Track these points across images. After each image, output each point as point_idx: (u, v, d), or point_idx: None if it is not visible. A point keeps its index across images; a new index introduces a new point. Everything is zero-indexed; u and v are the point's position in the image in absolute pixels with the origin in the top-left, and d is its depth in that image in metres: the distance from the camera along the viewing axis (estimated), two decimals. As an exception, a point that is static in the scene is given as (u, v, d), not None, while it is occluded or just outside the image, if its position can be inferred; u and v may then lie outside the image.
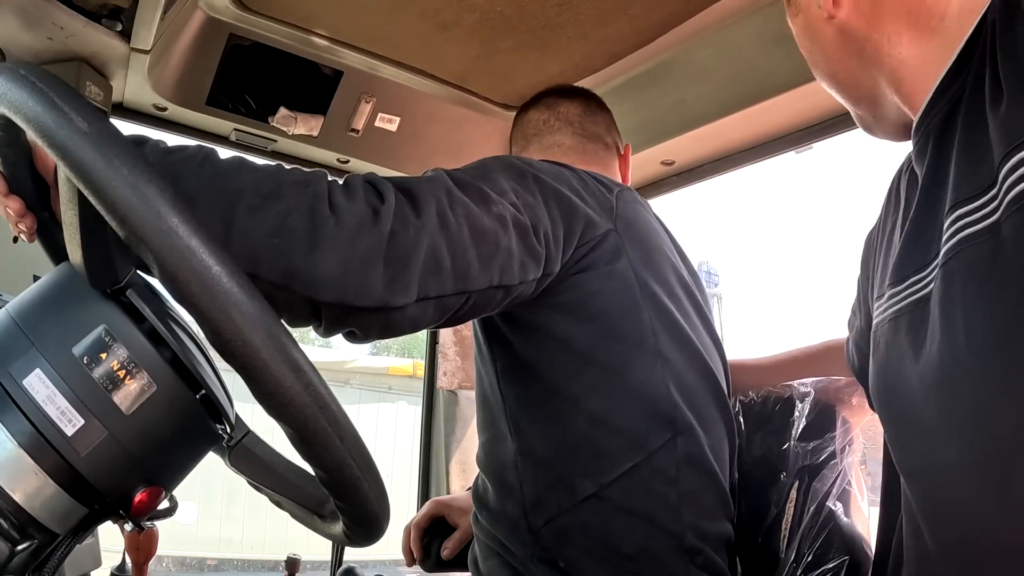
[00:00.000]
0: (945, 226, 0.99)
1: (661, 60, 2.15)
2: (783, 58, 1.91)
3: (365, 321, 1.07)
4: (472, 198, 1.18)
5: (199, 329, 0.75)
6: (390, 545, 1.60)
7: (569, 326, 1.37)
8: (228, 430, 1.05)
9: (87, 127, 0.70)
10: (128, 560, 1.70)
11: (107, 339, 0.84)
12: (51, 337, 0.84)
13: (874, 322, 1.23)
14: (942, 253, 0.99)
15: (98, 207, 0.70)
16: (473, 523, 1.59)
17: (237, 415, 1.10)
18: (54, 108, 0.70)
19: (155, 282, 0.91)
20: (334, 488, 0.85)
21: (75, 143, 0.69)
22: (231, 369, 0.75)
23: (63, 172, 0.73)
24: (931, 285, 1.02)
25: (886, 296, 1.17)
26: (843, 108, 1.96)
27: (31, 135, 0.72)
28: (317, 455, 0.80)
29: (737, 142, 2.25)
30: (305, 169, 1.07)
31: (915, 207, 1.11)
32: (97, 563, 1.93)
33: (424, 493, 2.97)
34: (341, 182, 1.08)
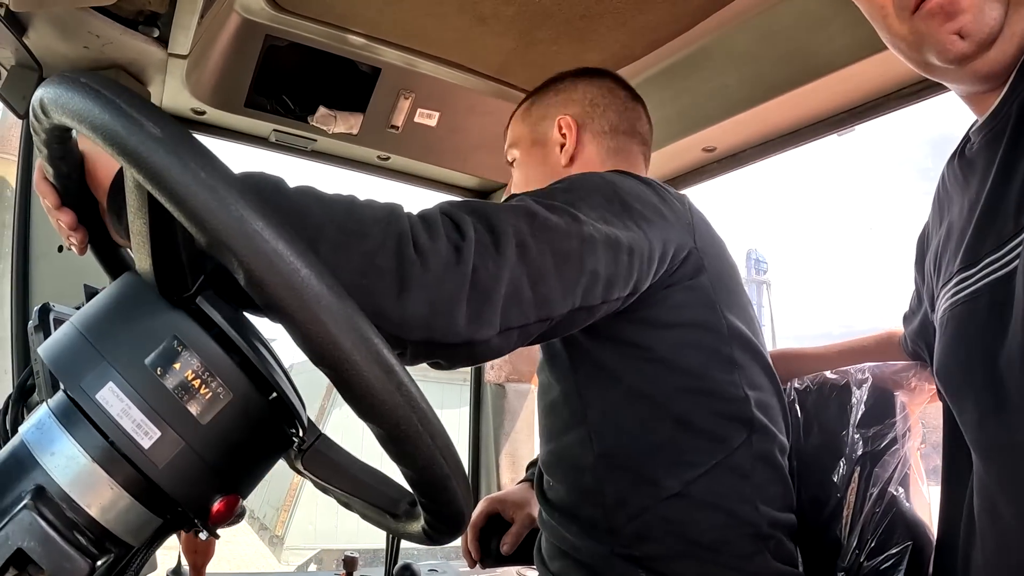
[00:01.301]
0: None
1: (701, 46, 2.12)
2: (825, 40, 1.89)
3: (450, 353, 1.08)
4: (558, 220, 1.18)
5: (286, 335, 0.74)
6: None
7: (653, 337, 1.40)
8: (301, 434, 1.04)
9: (159, 132, 0.68)
10: (184, 562, 1.70)
11: (178, 348, 0.82)
12: (121, 349, 0.82)
13: (941, 308, 1.21)
14: None
15: (177, 213, 0.69)
16: (541, 525, 1.61)
17: (309, 418, 1.09)
18: (123, 114, 0.68)
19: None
20: (423, 487, 0.84)
21: (148, 148, 0.67)
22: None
23: (133, 179, 0.73)
24: (1014, 263, 1.01)
25: (955, 281, 1.16)
26: (885, 89, 1.97)
27: (99, 143, 0.70)
28: (409, 455, 0.79)
29: (779, 126, 2.22)
30: (379, 202, 1.07)
31: (988, 188, 1.10)
32: (153, 567, 1.94)
33: (475, 486, 2.98)
34: (420, 217, 1.07)
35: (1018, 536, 1.04)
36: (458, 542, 1.97)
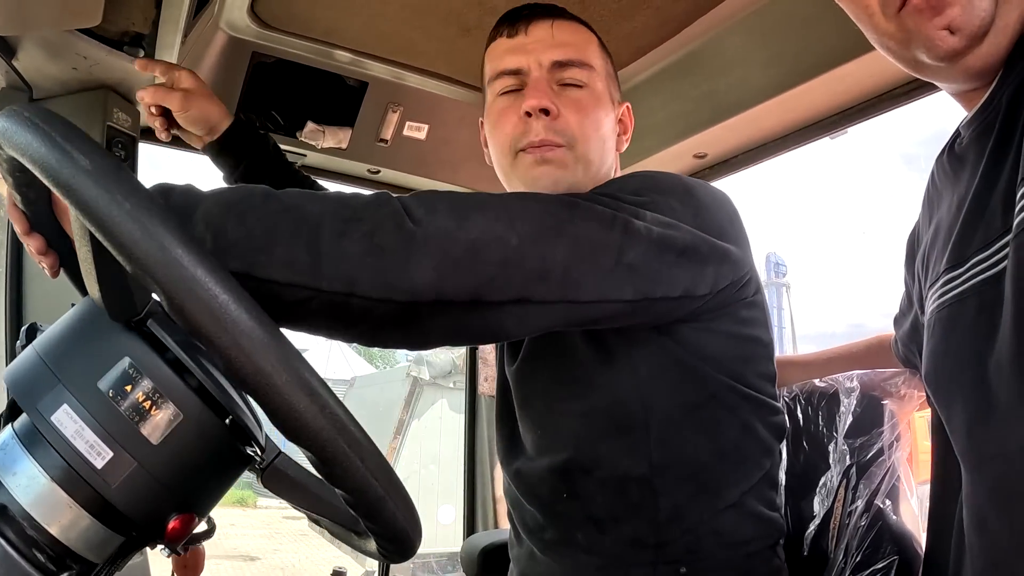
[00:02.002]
0: (1018, 197, 0.95)
1: (689, 51, 2.12)
2: (813, 42, 1.87)
3: (465, 316, 1.11)
4: (603, 210, 1.22)
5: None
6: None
7: (725, 346, 1.41)
8: (259, 452, 1.05)
9: (88, 164, 0.71)
10: (175, 577, 1.71)
11: (132, 372, 0.84)
12: (76, 372, 0.84)
13: (929, 310, 1.19)
14: (1015, 225, 0.95)
15: (104, 243, 0.71)
16: (553, 549, 1.51)
17: (267, 436, 1.10)
18: (56, 147, 0.71)
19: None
20: (360, 509, 0.85)
21: (78, 181, 0.70)
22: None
23: (71, 210, 0.73)
24: (1003, 263, 0.98)
25: (942, 281, 1.13)
26: (877, 90, 1.95)
27: (39, 176, 0.73)
28: (338, 477, 0.80)
29: (770, 130, 2.19)
30: (365, 192, 1.12)
31: (976, 184, 1.07)
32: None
33: (470, 498, 2.97)
34: (414, 196, 1.12)
35: (1010, 552, 1.01)
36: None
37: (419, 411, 12.82)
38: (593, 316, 1.23)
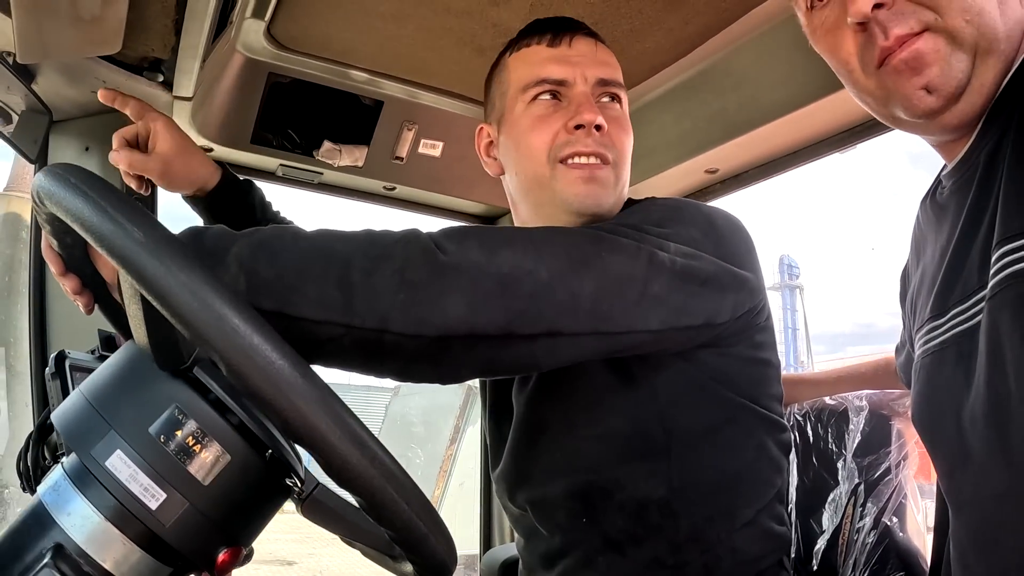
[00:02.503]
0: (993, 259, 0.98)
1: (699, 70, 2.14)
2: (822, 62, 1.88)
3: (497, 349, 1.14)
4: (627, 243, 1.24)
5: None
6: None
7: (741, 368, 1.43)
8: (299, 483, 1.08)
9: (142, 236, 0.74)
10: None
11: (179, 416, 0.88)
12: (127, 418, 0.89)
13: (916, 354, 1.22)
14: (990, 286, 0.98)
15: (163, 313, 0.75)
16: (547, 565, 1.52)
17: (306, 469, 1.13)
18: (109, 218, 0.75)
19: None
20: (404, 545, 0.89)
21: (134, 253, 0.74)
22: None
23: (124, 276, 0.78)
24: (978, 317, 1.01)
25: (926, 329, 1.17)
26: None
27: (93, 244, 0.77)
28: (387, 519, 0.84)
29: (780, 147, 2.22)
30: (393, 230, 1.14)
31: (956, 238, 1.10)
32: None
33: (487, 511, 3.00)
34: (445, 232, 1.16)
35: None
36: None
37: (474, 418, 12.97)
38: (620, 346, 1.25)
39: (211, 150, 2.36)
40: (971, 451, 1.03)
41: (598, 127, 1.48)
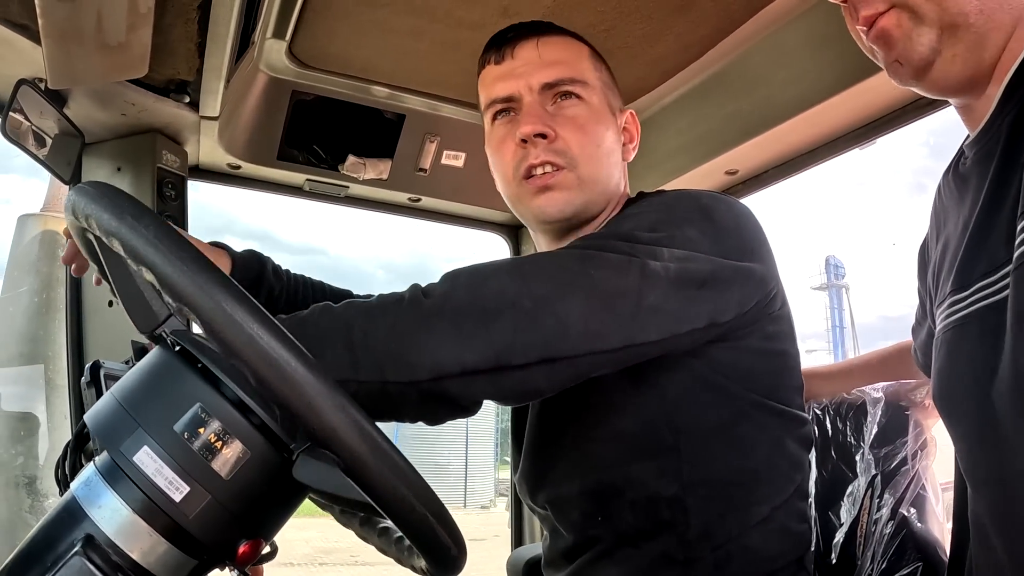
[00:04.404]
0: (1019, 230, 0.97)
1: (714, 72, 2.16)
2: (834, 58, 1.90)
3: (493, 382, 1.16)
4: (616, 258, 1.24)
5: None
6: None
7: (752, 363, 1.41)
8: None
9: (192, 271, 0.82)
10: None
11: (203, 415, 0.93)
12: (154, 417, 0.93)
13: (937, 328, 1.20)
14: (1015, 258, 0.97)
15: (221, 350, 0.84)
16: (587, 572, 1.49)
17: None
18: (159, 252, 0.82)
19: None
20: (416, 542, 0.94)
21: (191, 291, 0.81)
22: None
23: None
24: (1005, 292, 1.00)
25: (948, 303, 1.15)
26: (903, 100, 1.96)
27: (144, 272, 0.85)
28: (399, 517, 0.90)
29: (799, 145, 2.22)
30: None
31: (979, 210, 1.10)
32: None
33: (517, 510, 3.01)
34: (436, 281, 1.19)
35: (1009, 571, 1.03)
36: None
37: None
38: (623, 360, 1.26)
39: (239, 167, 2.42)
40: (996, 427, 1.02)
41: (543, 135, 1.48)
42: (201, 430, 0.92)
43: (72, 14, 1.51)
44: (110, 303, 2.14)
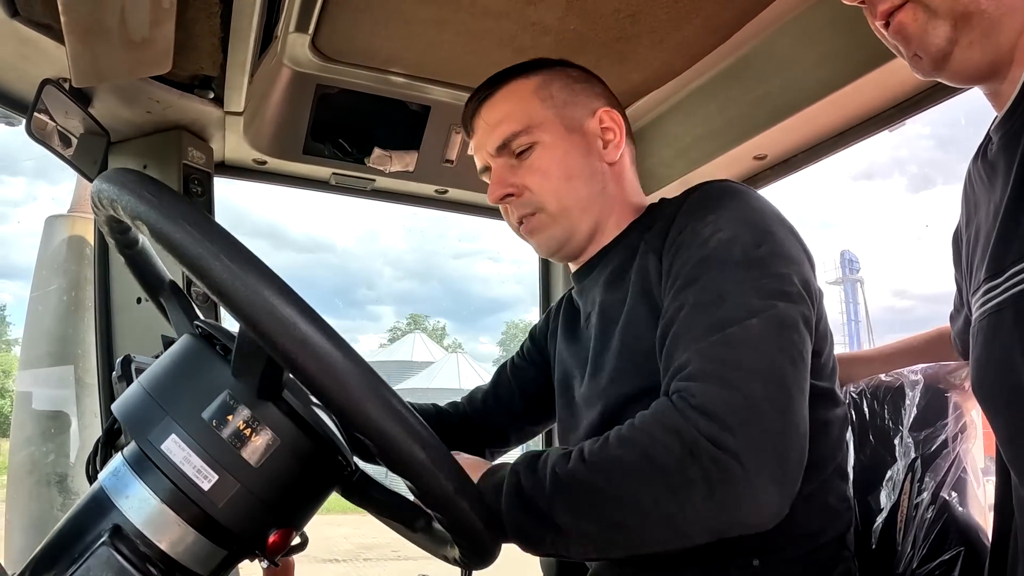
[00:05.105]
0: None
1: (741, 55, 2.14)
2: (862, 39, 1.87)
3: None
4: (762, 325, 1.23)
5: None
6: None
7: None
8: (347, 470, 1.12)
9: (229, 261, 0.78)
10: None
11: (231, 402, 0.92)
12: (182, 405, 0.93)
13: (974, 317, 1.20)
14: None
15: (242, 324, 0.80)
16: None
17: (353, 457, 1.16)
18: (187, 234, 0.79)
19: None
20: (452, 529, 0.95)
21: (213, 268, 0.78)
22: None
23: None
24: None
25: (983, 290, 1.14)
26: (932, 80, 1.93)
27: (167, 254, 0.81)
28: (436, 504, 0.90)
29: (827, 128, 2.20)
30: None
31: (1009, 195, 1.09)
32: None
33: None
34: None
35: None
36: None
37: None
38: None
39: (265, 162, 2.42)
40: None
41: (509, 195, 1.62)
42: (230, 417, 0.92)
43: (95, 10, 1.51)
44: (139, 300, 2.15)
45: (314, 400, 1.04)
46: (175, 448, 0.90)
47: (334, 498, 1.16)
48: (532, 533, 1.16)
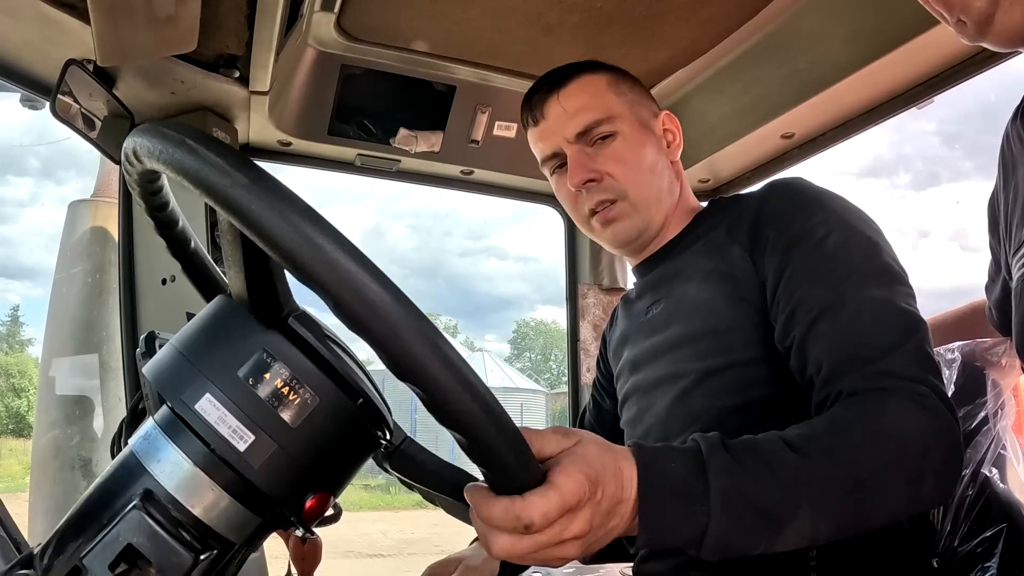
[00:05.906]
0: None
1: (768, 32, 2.12)
2: (891, 14, 1.85)
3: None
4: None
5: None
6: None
7: None
8: (387, 437, 1.10)
9: (248, 180, 0.72)
10: (294, 570, 1.76)
11: (268, 360, 0.89)
12: (216, 363, 0.89)
13: (1015, 277, 1.19)
14: None
15: (268, 251, 0.73)
16: None
17: (395, 422, 1.14)
18: (210, 164, 0.73)
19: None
20: (497, 482, 0.90)
21: (242, 198, 0.71)
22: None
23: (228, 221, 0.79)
24: None
25: None
26: (963, 55, 1.91)
27: (200, 193, 0.75)
28: (487, 459, 0.85)
29: (856, 105, 2.17)
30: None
31: None
32: (264, 574, 2.02)
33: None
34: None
35: None
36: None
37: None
38: None
39: (290, 143, 2.41)
40: None
41: (591, 180, 1.63)
42: (267, 376, 0.88)
43: (122, -13, 1.50)
44: (163, 281, 2.14)
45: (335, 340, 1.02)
46: (209, 408, 0.87)
47: (364, 495, 1.14)
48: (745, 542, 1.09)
